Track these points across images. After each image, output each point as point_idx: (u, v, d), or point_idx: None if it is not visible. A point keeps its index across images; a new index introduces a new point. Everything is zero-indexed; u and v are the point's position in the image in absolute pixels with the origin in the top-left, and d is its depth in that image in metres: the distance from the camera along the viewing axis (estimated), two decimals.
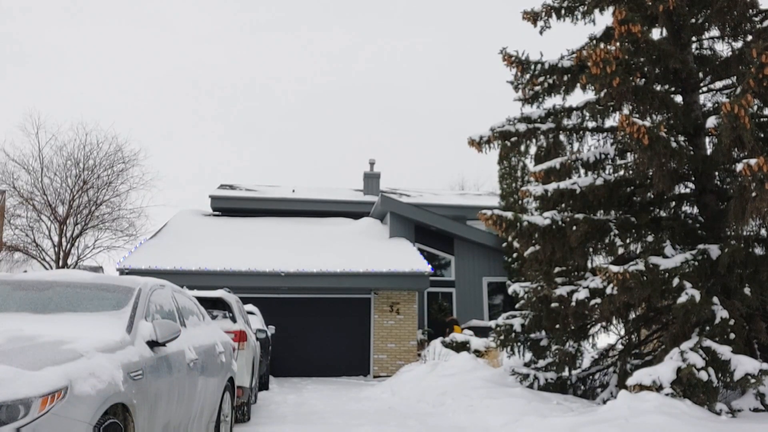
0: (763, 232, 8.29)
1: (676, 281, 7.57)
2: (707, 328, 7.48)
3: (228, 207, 21.77)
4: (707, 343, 7.12)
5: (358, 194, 24.27)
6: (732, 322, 7.44)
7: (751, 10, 8.78)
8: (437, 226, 19.10)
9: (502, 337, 9.73)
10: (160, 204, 51.27)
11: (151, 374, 3.98)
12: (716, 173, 8.87)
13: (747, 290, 7.79)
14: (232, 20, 74.89)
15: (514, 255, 17.22)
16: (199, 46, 72.02)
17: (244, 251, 17.09)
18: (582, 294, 8.38)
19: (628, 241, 9.02)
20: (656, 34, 9.50)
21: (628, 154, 9.21)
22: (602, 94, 8.51)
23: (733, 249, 7.65)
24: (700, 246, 8.08)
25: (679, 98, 9.25)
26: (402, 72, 74.61)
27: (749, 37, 8.80)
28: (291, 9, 75.80)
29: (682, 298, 7.34)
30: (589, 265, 9.36)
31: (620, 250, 9.10)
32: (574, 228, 8.53)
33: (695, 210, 9.20)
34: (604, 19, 36.51)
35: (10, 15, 55.72)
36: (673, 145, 7.77)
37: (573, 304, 8.43)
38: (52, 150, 26.39)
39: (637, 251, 9.07)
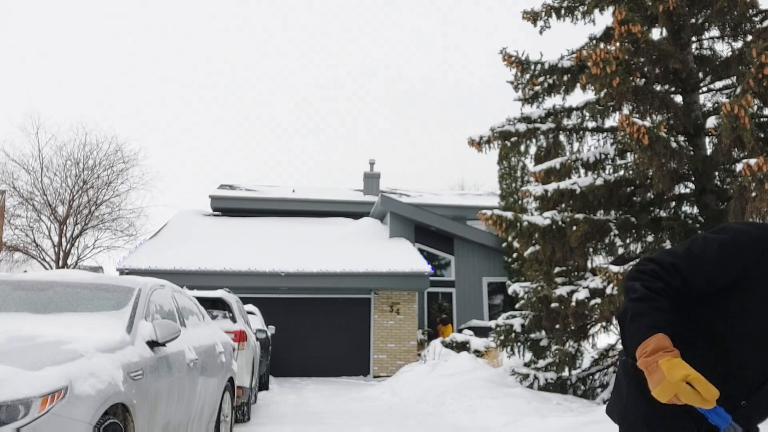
0: None
1: None
2: None
3: (228, 207, 21.77)
4: None
5: (358, 194, 24.27)
6: None
7: (751, 10, 8.78)
8: (437, 226, 19.09)
9: (502, 337, 9.73)
10: (160, 204, 51.22)
11: (151, 374, 3.98)
12: (716, 173, 8.86)
13: None
14: (231, 17, 74.93)
15: (514, 255, 17.21)
16: (197, 45, 72.08)
17: (244, 251, 17.08)
18: (582, 294, 8.38)
19: (628, 241, 9.02)
20: (656, 34, 9.49)
21: (628, 154, 9.21)
22: (602, 94, 8.50)
23: None
24: None
25: (679, 98, 9.24)
26: (401, 72, 74.64)
27: (749, 37, 8.79)
28: (290, 6, 75.85)
29: None
30: (589, 265, 9.35)
31: (620, 250, 9.09)
32: (574, 228, 8.53)
33: (695, 210, 9.19)
34: (604, 19, 36.58)
35: (8, 13, 55.75)
36: (673, 145, 7.77)
37: (573, 304, 8.43)
38: (52, 150, 26.42)
39: (638, 251, 9.07)
